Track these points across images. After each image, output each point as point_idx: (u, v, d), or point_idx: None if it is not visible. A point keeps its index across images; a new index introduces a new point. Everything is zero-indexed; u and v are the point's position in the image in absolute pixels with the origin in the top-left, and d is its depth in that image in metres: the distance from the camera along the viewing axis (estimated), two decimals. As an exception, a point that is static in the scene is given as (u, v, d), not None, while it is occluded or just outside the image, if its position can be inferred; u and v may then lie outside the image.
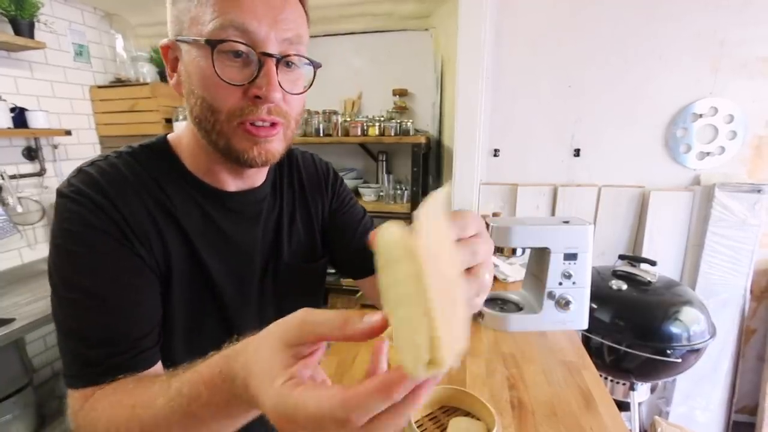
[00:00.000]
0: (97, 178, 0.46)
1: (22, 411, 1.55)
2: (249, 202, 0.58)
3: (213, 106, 0.45)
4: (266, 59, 0.43)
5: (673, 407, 1.82)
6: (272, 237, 0.61)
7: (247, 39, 0.42)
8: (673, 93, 1.71)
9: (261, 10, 0.42)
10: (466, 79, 1.74)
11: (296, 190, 0.65)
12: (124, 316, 0.45)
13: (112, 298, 0.44)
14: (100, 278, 0.44)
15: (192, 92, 0.46)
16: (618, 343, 1.29)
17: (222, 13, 0.42)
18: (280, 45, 0.44)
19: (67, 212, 0.45)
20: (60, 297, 0.45)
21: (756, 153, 1.69)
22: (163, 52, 0.50)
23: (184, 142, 0.53)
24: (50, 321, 1.48)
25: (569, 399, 0.78)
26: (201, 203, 0.53)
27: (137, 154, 0.51)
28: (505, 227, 1.01)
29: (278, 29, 0.43)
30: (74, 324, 0.44)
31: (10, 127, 1.71)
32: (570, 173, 1.89)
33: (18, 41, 1.68)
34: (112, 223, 0.45)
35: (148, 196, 0.49)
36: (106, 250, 0.45)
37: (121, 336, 0.44)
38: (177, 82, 0.49)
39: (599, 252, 1.86)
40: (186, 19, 0.45)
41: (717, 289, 1.72)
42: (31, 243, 1.93)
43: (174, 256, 0.50)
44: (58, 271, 0.44)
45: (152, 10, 2.11)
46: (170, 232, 0.50)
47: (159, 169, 0.51)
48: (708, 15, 1.61)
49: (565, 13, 1.74)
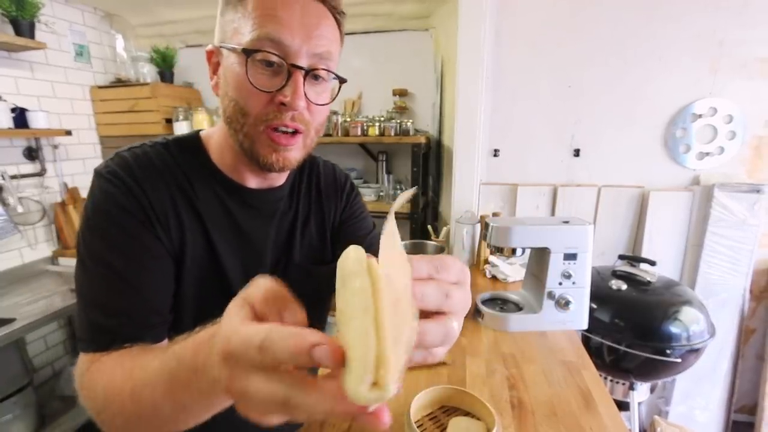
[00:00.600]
0: (131, 162, 0.51)
1: (23, 411, 1.55)
2: (267, 200, 0.61)
3: (244, 108, 0.49)
4: (295, 71, 0.48)
5: (672, 407, 1.82)
6: (285, 237, 0.64)
7: (280, 51, 0.47)
8: (672, 93, 1.71)
9: (297, 26, 0.47)
10: (466, 79, 1.75)
11: (313, 195, 0.68)
12: (140, 292, 0.49)
13: (132, 275, 0.49)
14: (123, 256, 0.49)
15: (227, 94, 0.51)
16: (618, 343, 1.30)
17: (260, 26, 0.46)
18: (310, 59, 0.49)
19: (101, 192, 0.50)
20: (85, 267, 0.49)
21: (755, 153, 1.70)
22: (207, 56, 0.56)
23: (214, 139, 0.58)
24: (50, 321, 1.50)
25: (569, 399, 0.78)
26: (222, 196, 0.57)
27: (169, 145, 0.56)
28: (505, 227, 1.01)
29: (311, 44, 0.48)
30: (94, 293, 0.49)
31: (11, 128, 1.72)
32: (570, 173, 1.89)
33: (18, 41, 1.68)
34: (139, 206, 0.50)
35: (173, 185, 0.53)
36: (131, 230, 0.49)
37: (135, 310, 0.49)
38: (216, 84, 0.55)
39: (599, 252, 1.86)
40: (229, 29, 0.50)
41: (716, 288, 1.72)
42: (31, 243, 1.93)
43: (189, 243, 0.54)
44: (87, 244, 0.49)
45: (152, 10, 2.11)
46: (189, 220, 0.54)
47: (187, 160, 0.56)
48: (707, 16, 1.62)
49: (565, 13, 1.75)
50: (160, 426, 0.37)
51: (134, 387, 0.37)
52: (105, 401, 0.40)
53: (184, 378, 0.32)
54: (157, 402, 0.35)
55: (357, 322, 0.20)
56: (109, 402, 0.40)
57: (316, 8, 0.49)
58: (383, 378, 0.18)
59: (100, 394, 0.41)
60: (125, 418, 0.38)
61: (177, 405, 0.34)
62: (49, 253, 2.01)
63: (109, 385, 0.41)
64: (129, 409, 0.38)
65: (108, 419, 0.41)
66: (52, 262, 2.02)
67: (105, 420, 0.41)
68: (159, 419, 0.36)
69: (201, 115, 2.12)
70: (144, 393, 0.36)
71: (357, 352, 0.19)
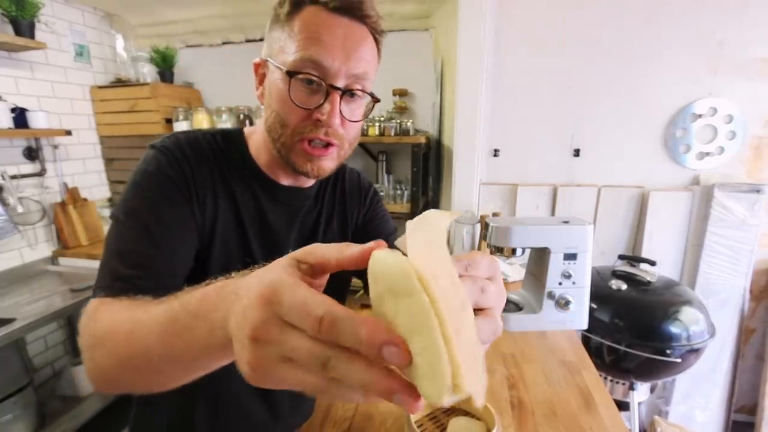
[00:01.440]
0: (184, 143, 0.57)
1: (23, 411, 1.55)
2: (294, 197, 0.66)
3: (284, 120, 0.54)
4: (333, 91, 0.52)
5: (672, 407, 1.82)
6: (308, 234, 0.69)
7: (320, 72, 0.51)
8: (672, 93, 1.71)
9: (338, 48, 0.51)
10: (466, 79, 1.75)
11: (337, 197, 0.73)
12: (159, 251, 0.52)
13: (157, 234, 0.52)
14: (156, 216, 0.53)
15: (270, 105, 0.56)
16: (617, 342, 1.30)
17: (304, 48, 0.50)
18: (347, 79, 0.52)
19: (152, 159, 0.55)
20: (118, 222, 0.53)
21: (755, 153, 1.70)
22: (254, 68, 0.60)
23: (255, 136, 0.63)
24: (50, 321, 1.50)
25: (569, 399, 0.78)
26: (255, 188, 0.62)
27: (216, 135, 0.62)
28: (504, 227, 1.00)
29: (349, 66, 0.52)
30: (120, 244, 0.52)
31: (11, 128, 1.71)
32: (570, 173, 1.89)
33: (18, 41, 1.68)
34: (183, 179, 0.55)
35: (216, 169, 0.59)
36: (168, 196, 0.54)
37: (153, 266, 0.52)
38: (261, 94, 0.59)
39: (599, 252, 1.86)
40: (276, 46, 0.54)
41: (716, 288, 1.72)
42: (31, 243, 1.93)
43: (220, 222, 0.59)
44: (126, 200, 0.53)
45: (152, 10, 2.11)
46: (224, 203, 0.59)
47: (229, 151, 0.62)
48: (707, 16, 1.62)
49: (565, 14, 1.75)
50: (144, 374, 0.37)
51: (132, 327, 0.37)
52: (102, 338, 0.41)
53: (183, 322, 0.32)
54: (150, 344, 0.34)
55: (422, 337, 0.20)
56: (106, 339, 0.40)
57: (359, 30, 0.53)
58: (461, 383, 0.20)
59: (99, 331, 0.42)
60: (115, 358, 0.38)
61: (167, 350, 0.33)
62: (49, 253, 2.01)
63: (110, 324, 0.41)
64: (121, 349, 0.38)
65: (98, 357, 0.40)
66: (52, 262, 2.02)
67: (95, 358, 0.41)
68: (146, 366, 0.36)
69: (201, 115, 2.12)
70: (139, 333, 0.36)
71: (427, 360, 0.20)
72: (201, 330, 0.30)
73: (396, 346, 0.20)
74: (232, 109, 2.18)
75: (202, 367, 0.33)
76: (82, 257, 1.99)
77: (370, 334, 0.20)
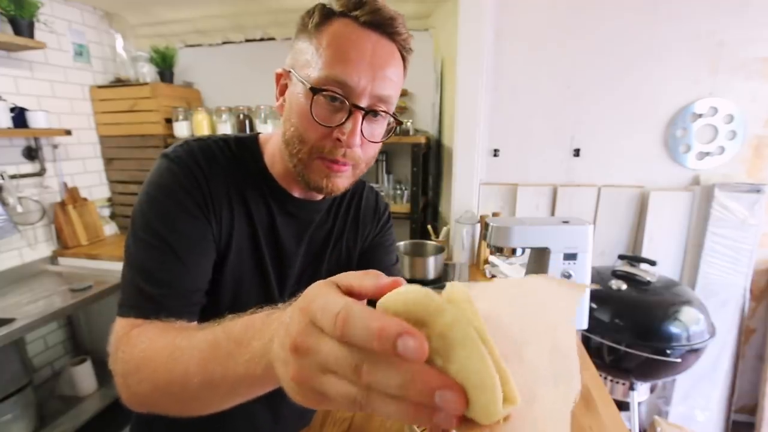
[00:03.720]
0: (197, 152, 0.56)
1: (22, 411, 1.55)
2: (305, 210, 0.64)
3: (302, 136, 0.52)
4: (356, 111, 0.50)
5: (672, 407, 1.82)
6: (317, 249, 0.68)
7: (344, 91, 0.49)
8: (672, 93, 1.71)
9: (365, 67, 0.48)
10: (466, 79, 1.74)
11: (351, 214, 0.71)
12: (185, 268, 0.52)
13: (180, 250, 0.51)
14: (176, 231, 0.52)
15: (289, 119, 0.54)
16: (617, 342, 1.29)
17: (330, 66, 0.48)
18: (371, 99, 0.50)
19: (167, 170, 0.53)
20: (137, 236, 0.52)
21: (755, 153, 1.70)
22: (276, 77, 0.58)
23: (270, 145, 0.62)
24: (50, 321, 1.50)
25: (569, 399, 0.78)
26: (268, 198, 0.61)
27: (231, 143, 0.60)
28: (504, 227, 1.01)
29: (374, 85, 0.50)
30: (143, 261, 0.51)
31: (10, 127, 1.71)
32: (570, 173, 1.89)
33: (18, 41, 1.67)
34: (198, 190, 0.53)
35: (230, 178, 0.57)
36: (187, 209, 0.53)
37: (179, 283, 0.51)
38: (281, 105, 0.57)
39: (599, 252, 1.86)
40: (301, 59, 0.52)
41: (716, 288, 1.72)
42: (31, 243, 1.93)
43: (236, 233, 0.58)
44: (143, 214, 0.52)
45: (152, 10, 2.11)
46: (239, 213, 0.58)
47: (244, 159, 0.60)
48: (707, 16, 1.62)
49: (565, 13, 1.74)
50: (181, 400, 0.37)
51: (172, 353, 0.37)
52: (139, 363, 0.40)
53: (225, 348, 0.32)
54: (190, 370, 0.34)
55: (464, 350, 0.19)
56: (143, 365, 0.40)
57: (388, 48, 0.50)
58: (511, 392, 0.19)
59: (137, 355, 0.41)
60: (153, 383, 0.38)
61: (206, 377, 0.33)
62: (49, 252, 2.01)
63: (149, 348, 0.41)
64: (160, 374, 0.37)
65: (135, 384, 0.40)
66: (52, 262, 2.02)
67: (131, 384, 0.41)
68: (183, 391, 0.36)
69: (201, 115, 2.12)
70: (180, 359, 0.36)
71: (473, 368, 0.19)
72: (242, 357, 0.29)
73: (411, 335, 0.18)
74: (232, 109, 2.18)
75: (240, 394, 0.33)
76: (82, 257, 1.99)
77: (383, 326, 0.19)
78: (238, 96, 2.25)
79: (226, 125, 2.14)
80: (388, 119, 0.56)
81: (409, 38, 0.53)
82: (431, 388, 0.18)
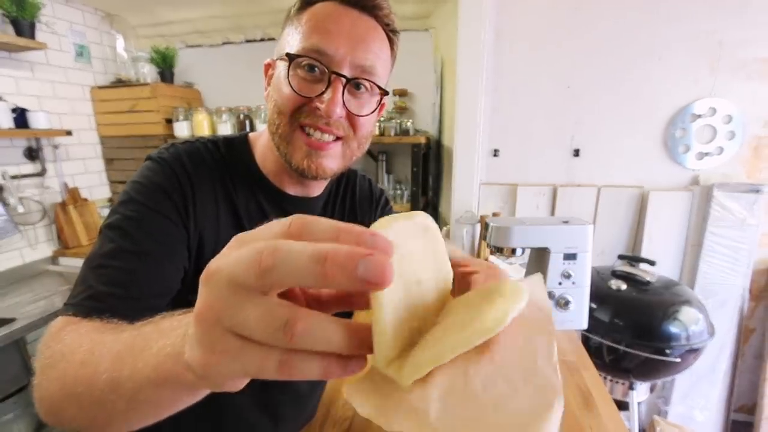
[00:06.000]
0: (183, 154, 0.53)
1: (23, 411, 1.56)
2: (302, 207, 0.62)
3: (281, 109, 0.51)
4: (335, 78, 0.48)
5: (671, 406, 1.82)
6: None
7: (323, 59, 0.48)
8: (672, 93, 1.71)
9: (343, 37, 0.48)
10: (466, 79, 1.75)
11: (347, 206, 0.70)
12: (147, 270, 0.47)
13: (144, 251, 0.47)
14: (144, 230, 0.48)
15: (271, 99, 0.53)
16: (617, 342, 1.30)
17: (308, 37, 0.48)
18: (353, 69, 0.49)
19: (148, 170, 0.51)
20: (103, 234, 0.48)
21: (754, 153, 1.70)
22: (264, 69, 0.57)
23: (260, 142, 0.60)
24: (51, 321, 1.49)
25: (569, 398, 0.79)
26: (260, 198, 0.59)
27: (220, 144, 0.58)
28: (504, 227, 1.01)
29: (355, 55, 0.49)
30: (100, 258, 0.46)
31: (11, 128, 1.72)
32: (569, 173, 1.89)
33: (19, 42, 1.68)
34: (179, 194, 0.51)
35: (218, 181, 0.55)
36: (161, 212, 0.49)
37: (132, 285, 0.46)
38: (268, 94, 0.56)
39: (599, 252, 1.86)
40: (284, 43, 0.52)
41: (716, 288, 1.72)
42: (32, 243, 1.93)
43: (222, 238, 0.53)
44: (115, 212, 0.49)
45: (152, 10, 2.11)
46: (227, 218, 0.56)
47: (232, 159, 0.58)
48: (707, 16, 1.62)
49: (565, 13, 1.75)
50: (84, 406, 0.31)
51: (93, 348, 0.32)
52: (58, 359, 0.35)
53: (141, 342, 0.28)
54: (100, 367, 0.30)
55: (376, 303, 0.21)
56: (60, 360, 0.35)
57: (366, 22, 0.50)
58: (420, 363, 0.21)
59: (57, 350, 0.36)
60: (62, 382, 0.33)
61: (115, 374, 0.28)
62: (50, 253, 2.01)
63: (73, 342, 0.36)
64: (70, 370, 0.32)
65: (45, 381, 0.35)
66: (53, 262, 2.02)
67: (42, 381, 0.35)
68: (89, 391, 0.30)
69: (201, 116, 2.12)
70: (97, 353, 0.31)
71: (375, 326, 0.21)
72: (156, 347, 0.25)
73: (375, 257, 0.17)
74: (232, 110, 2.18)
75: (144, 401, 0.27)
76: (83, 257, 1.99)
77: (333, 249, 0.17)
78: (239, 96, 2.25)
79: (226, 125, 2.15)
80: (377, 97, 0.53)
81: (391, 15, 0.52)
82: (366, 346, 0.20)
